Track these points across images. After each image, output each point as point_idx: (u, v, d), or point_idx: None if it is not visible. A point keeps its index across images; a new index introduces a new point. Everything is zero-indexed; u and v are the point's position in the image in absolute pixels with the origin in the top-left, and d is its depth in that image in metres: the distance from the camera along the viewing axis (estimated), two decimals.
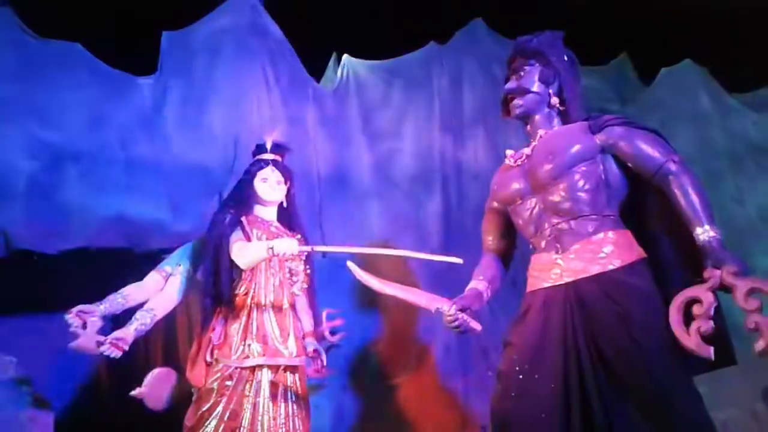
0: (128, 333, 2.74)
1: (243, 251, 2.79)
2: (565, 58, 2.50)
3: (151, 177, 3.57)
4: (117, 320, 2.91)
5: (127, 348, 2.72)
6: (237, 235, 2.86)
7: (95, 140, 3.52)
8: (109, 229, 3.44)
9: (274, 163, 3.04)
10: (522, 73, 2.45)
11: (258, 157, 3.07)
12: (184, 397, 2.91)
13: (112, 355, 2.69)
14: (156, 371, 2.91)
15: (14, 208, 3.28)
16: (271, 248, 2.61)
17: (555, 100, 2.45)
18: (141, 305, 2.87)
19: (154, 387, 2.86)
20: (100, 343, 2.68)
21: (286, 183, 3.06)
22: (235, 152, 3.79)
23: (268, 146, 3.07)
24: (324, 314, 3.17)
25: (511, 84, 2.46)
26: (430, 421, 3.67)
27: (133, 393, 2.83)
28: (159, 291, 2.93)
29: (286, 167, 3.08)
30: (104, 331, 2.77)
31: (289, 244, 2.60)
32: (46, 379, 3.27)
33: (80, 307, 2.73)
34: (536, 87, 2.43)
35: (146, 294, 2.91)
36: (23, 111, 3.42)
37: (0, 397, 2.99)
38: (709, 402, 2.41)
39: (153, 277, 2.97)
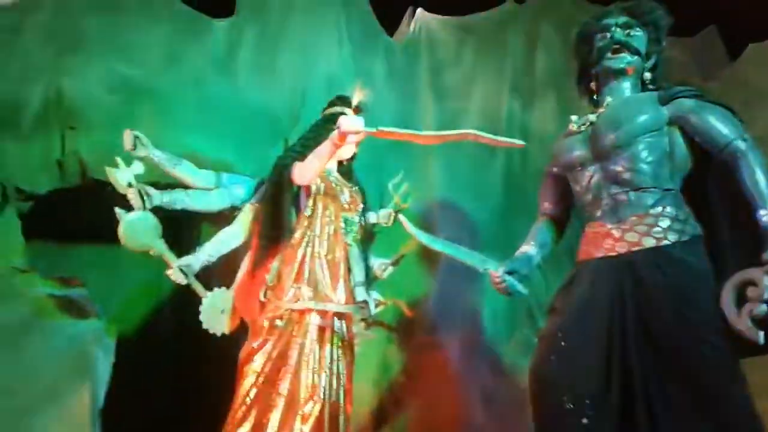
0: (157, 194, 2.88)
1: (306, 163, 2.84)
2: (664, 44, 2.45)
3: (220, 118, 3.64)
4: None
5: (149, 203, 2.84)
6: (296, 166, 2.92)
7: (171, 78, 3.61)
8: None
9: None
10: (631, 32, 2.38)
11: (344, 110, 3.04)
12: (242, 332, 3.03)
13: (132, 202, 2.82)
14: None
15: (93, 138, 3.40)
16: (338, 127, 2.53)
17: (648, 76, 2.40)
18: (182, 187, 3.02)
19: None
20: (130, 185, 2.83)
21: (357, 145, 3.10)
22: (303, 100, 3.82)
23: (354, 102, 3.06)
24: (390, 186, 3.25)
25: (623, 36, 2.38)
26: (472, 380, 3.70)
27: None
28: (210, 187, 3.07)
29: None
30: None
31: (353, 120, 2.52)
32: (113, 306, 3.44)
33: (142, 136, 2.89)
34: (643, 53, 2.38)
35: (198, 179, 3.06)
36: (106, 46, 3.52)
37: (67, 320, 3.16)
38: (763, 390, 2.37)
39: (208, 174, 3.10)
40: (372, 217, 3.25)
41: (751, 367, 2.14)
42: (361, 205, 3.11)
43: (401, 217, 2.64)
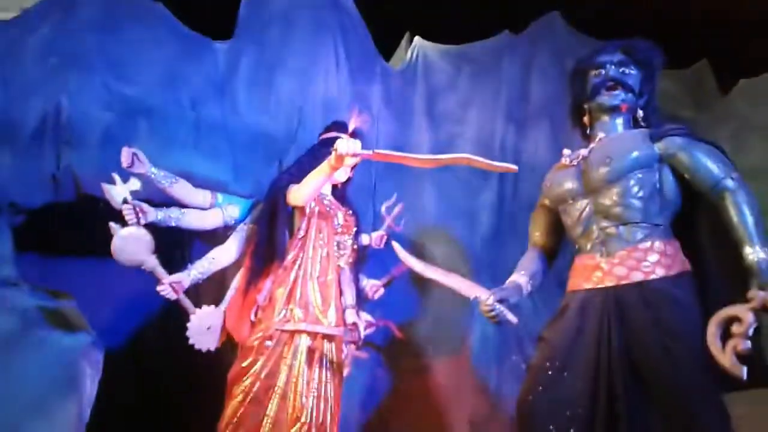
0: (152, 211, 2.90)
1: (302, 185, 2.87)
2: (657, 83, 2.51)
3: (217, 139, 3.66)
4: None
5: (143, 220, 2.86)
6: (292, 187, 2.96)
7: (168, 98, 3.63)
8: None
9: None
10: (626, 70, 2.44)
11: (341, 135, 3.04)
12: (230, 350, 3.03)
13: (127, 218, 2.84)
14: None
15: (87, 155, 3.40)
16: (335, 150, 2.55)
17: (641, 114, 2.44)
18: (177, 205, 3.06)
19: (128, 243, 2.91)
20: (125, 201, 2.86)
21: (352, 169, 3.13)
22: (299, 123, 3.86)
23: (350, 128, 3.07)
24: (384, 208, 3.33)
25: (618, 74, 2.43)
26: (460, 406, 3.71)
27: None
28: (205, 206, 3.11)
29: None
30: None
31: (350, 143, 2.54)
32: (102, 321, 3.43)
33: (140, 153, 2.91)
34: (636, 91, 2.43)
35: (193, 197, 3.10)
36: (104, 64, 3.54)
37: (55, 333, 3.15)
38: (747, 423, 2.39)
39: (204, 193, 3.14)
40: (364, 239, 3.28)
41: (733, 402, 2.16)
42: (355, 229, 3.14)
43: (394, 243, 2.67)
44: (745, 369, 1.94)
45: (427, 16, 4.51)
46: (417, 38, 4.41)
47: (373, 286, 3.29)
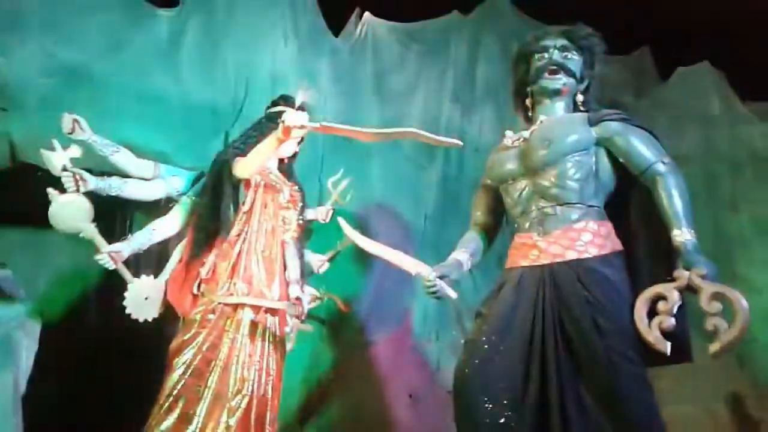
0: (92, 179, 2.84)
1: (249, 157, 2.85)
2: (596, 68, 2.57)
3: (160, 109, 3.61)
4: None
5: (83, 188, 2.80)
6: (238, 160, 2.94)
7: (110, 66, 3.54)
8: None
9: None
10: (568, 55, 2.50)
11: (288, 109, 3.02)
12: (171, 322, 3.02)
13: (66, 185, 2.78)
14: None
15: (25, 121, 3.31)
16: (283, 121, 2.56)
17: (581, 98, 2.51)
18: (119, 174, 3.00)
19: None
20: (65, 168, 2.79)
21: (299, 143, 3.13)
22: (246, 95, 3.82)
23: (297, 102, 3.07)
24: (330, 183, 3.35)
25: (560, 58, 2.49)
26: (400, 379, 3.79)
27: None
28: (147, 177, 3.05)
29: None
30: None
31: (298, 115, 2.56)
32: (38, 291, 3.37)
33: (81, 120, 2.84)
34: (577, 76, 2.50)
35: (136, 167, 3.04)
36: (44, 28, 3.43)
37: None
38: (670, 396, 2.52)
39: (147, 163, 3.08)
40: (310, 213, 3.30)
41: (658, 375, 2.28)
42: (300, 203, 3.15)
43: (339, 218, 2.69)
44: (668, 345, 2.05)
45: None
46: (366, 14, 4.41)
47: (317, 261, 3.32)
